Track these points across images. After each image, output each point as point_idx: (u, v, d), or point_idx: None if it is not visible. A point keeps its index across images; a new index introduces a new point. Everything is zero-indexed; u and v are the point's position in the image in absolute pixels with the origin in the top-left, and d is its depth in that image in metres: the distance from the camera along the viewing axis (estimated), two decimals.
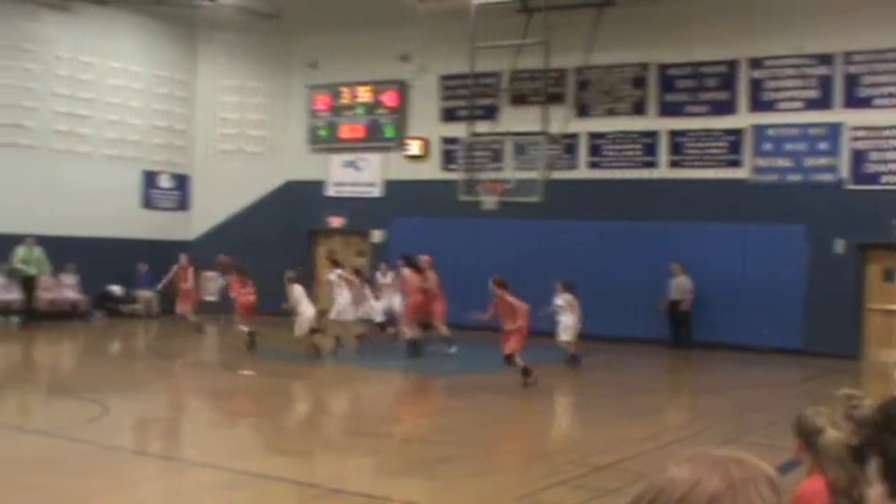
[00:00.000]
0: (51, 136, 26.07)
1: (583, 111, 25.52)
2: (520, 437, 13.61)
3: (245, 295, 20.32)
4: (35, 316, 23.41)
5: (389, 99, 28.35)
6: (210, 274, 27.08)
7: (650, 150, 24.83)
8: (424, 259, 20.35)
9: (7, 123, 25.13)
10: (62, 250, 24.37)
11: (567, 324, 18.76)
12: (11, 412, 13.89)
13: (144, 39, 28.37)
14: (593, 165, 25.50)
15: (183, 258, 24.02)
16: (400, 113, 28.17)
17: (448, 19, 25.16)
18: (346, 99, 29.02)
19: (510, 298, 16.54)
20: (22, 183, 25.05)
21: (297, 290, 19.84)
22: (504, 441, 12.92)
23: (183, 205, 29.57)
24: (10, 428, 12.47)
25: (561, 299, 18.96)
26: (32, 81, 25.74)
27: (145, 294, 26.61)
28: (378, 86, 28.41)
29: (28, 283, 23.52)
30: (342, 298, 20.62)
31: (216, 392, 16.48)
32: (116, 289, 26.85)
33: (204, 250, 28.10)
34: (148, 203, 28.67)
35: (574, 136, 25.30)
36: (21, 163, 25.27)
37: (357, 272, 21.73)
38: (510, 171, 25.18)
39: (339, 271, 20.89)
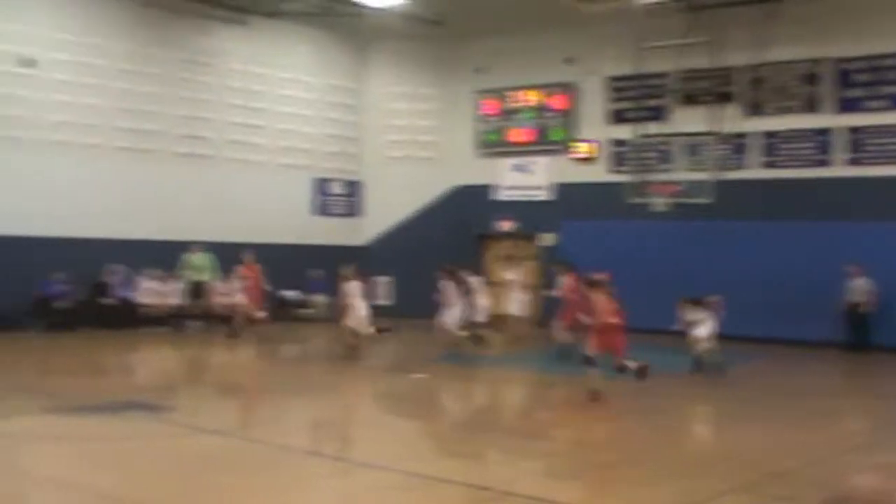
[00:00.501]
0: (226, 146, 26.96)
1: (753, 110, 24.95)
2: (688, 441, 13.40)
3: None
4: (208, 320, 24.17)
5: (557, 102, 28.29)
6: (382, 279, 27.56)
7: (824, 147, 24.10)
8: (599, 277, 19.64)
9: (185, 134, 26.10)
10: (238, 257, 25.12)
11: (701, 335, 17.93)
12: (191, 413, 14.36)
13: (315, 50, 29.07)
14: (765, 165, 24.90)
15: (248, 257, 23.98)
16: (568, 116, 28.08)
17: (614, 21, 24.96)
18: (513, 103, 29.08)
19: (600, 297, 15.28)
20: (199, 191, 26.02)
21: (352, 288, 19.89)
22: (672, 446, 12.73)
23: (354, 211, 30.15)
24: (191, 428, 12.91)
25: (690, 316, 18.18)
26: (208, 93, 26.65)
27: (319, 299, 27.16)
28: (545, 89, 28.38)
29: (198, 289, 24.30)
30: (482, 301, 21.03)
31: (388, 395, 16.72)
32: (291, 294, 27.54)
33: (375, 255, 28.62)
34: (320, 210, 29.34)
35: (744, 135, 24.79)
36: (198, 172, 26.23)
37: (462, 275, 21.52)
38: (680, 172, 24.85)
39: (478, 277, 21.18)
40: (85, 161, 24.16)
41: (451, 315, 20.08)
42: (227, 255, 24.50)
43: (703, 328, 17.91)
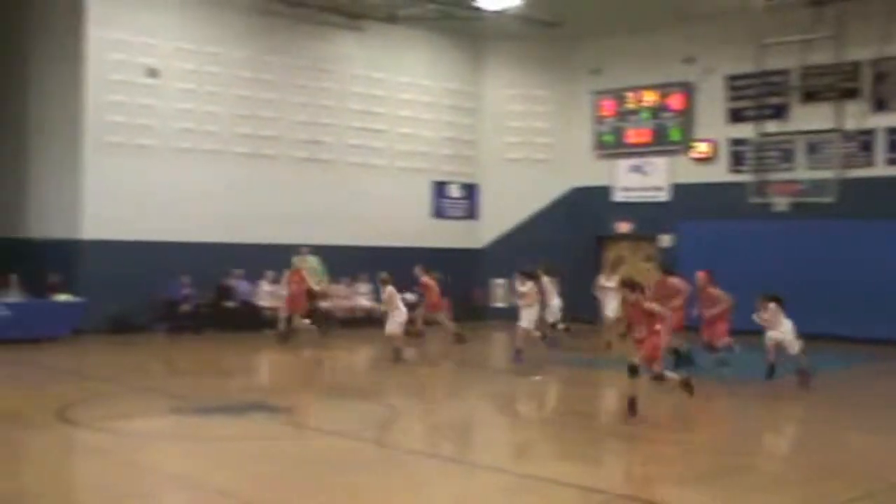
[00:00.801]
0: (345, 151, 27.29)
1: (879, 105, 24.30)
2: (808, 447, 13.08)
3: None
4: (319, 322, 24.28)
5: (675, 102, 27.97)
6: (499, 281, 27.58)
7: None
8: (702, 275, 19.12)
9: (305, 140, 26.51)
10: (357, 259, 25.42)
11: (778, 338, 17.18)
12: (309, 414, 14.56)
13: (432, 54, 29.24)
14: (892, 162, 24.24)
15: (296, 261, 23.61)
16: (686, 115, 27.74)
17: (733, 18, 24.59)
18: (631, 103, 28.85)
19: (646, 304, 13.93)
20: (319, 196, 26.39)
21: (389, 291, 20.09)
22: (792, 451, 12.48)
23: (472, 213, 30.23)
24: (310, 429, 13.10)
25: (766, 313, 16.97)
26: (328, 99, 27.01)
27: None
28: (663, 89, 28.09)
29: (308, 292, 24.33)
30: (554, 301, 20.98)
31: (504, 396, 16.72)
32: (409, 296, 27.66)
33: (493, 258, 28.65)
34: (438, 212, 29.49)
35: (870, 131, 24.18)
36: (318, 177, 26.61)
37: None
38: (802, 171, 24.37)
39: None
40: (207, 167, 24.72)
41: (528, 316, 20.00)
42: (348, 258, 24.76)
43: (776, 332, 16.82)
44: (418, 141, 28.84)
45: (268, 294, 24.69)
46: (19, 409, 13.99)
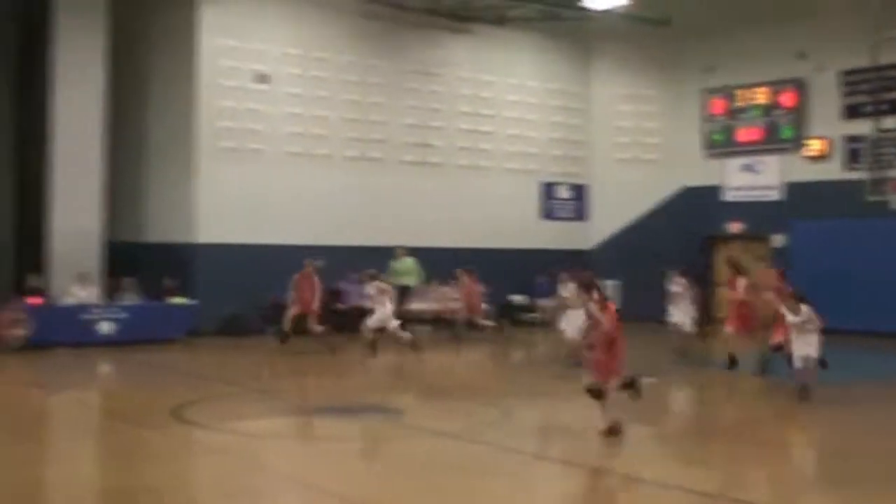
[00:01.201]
0: (454, 153, 27.39)
1: None
2: None
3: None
4: (420, 324, 24.30)
5: (787, 99, 27.43)
6: (609, 282, 27.35)
7: None
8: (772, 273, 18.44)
9: (415, 143, 26.68)
10: (467, 261, 25.42)
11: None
12: (421, 415, 14.62)
13: (539, 55, 29.18)
14: None
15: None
16: (798, 112, 27.19)
17: (847, 12, 24.07)
18: (741, 101, 28.38)
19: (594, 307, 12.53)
20: (427, 199, 26.54)
21: (372, 288, 20.49)
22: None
23: (581, 214, 30.08)
24: (421, 430, 13.16)
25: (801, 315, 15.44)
26: (438, 102, 27.16)
27: (545, 303, 27.17)
28: (774, 86, 27.58)
29: (403, 294, 24.38)
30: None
31: (615, 399, 16.59)
32: (518, 298, 27.71)
33: (602, 259, 28.45)
34: (547, 214, 29.41)
35: None
36: (426, 180, 26.74)
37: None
38: None
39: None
40: (317, 171, 25.03)
41: (379, 314, 20.28)
42: (457, 261, 24.84)
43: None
44: (526, 142, 28.80)
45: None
46: (138, 409, 14.34)
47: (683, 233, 28.38)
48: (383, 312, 20.46)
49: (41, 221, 22.95)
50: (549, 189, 29.46)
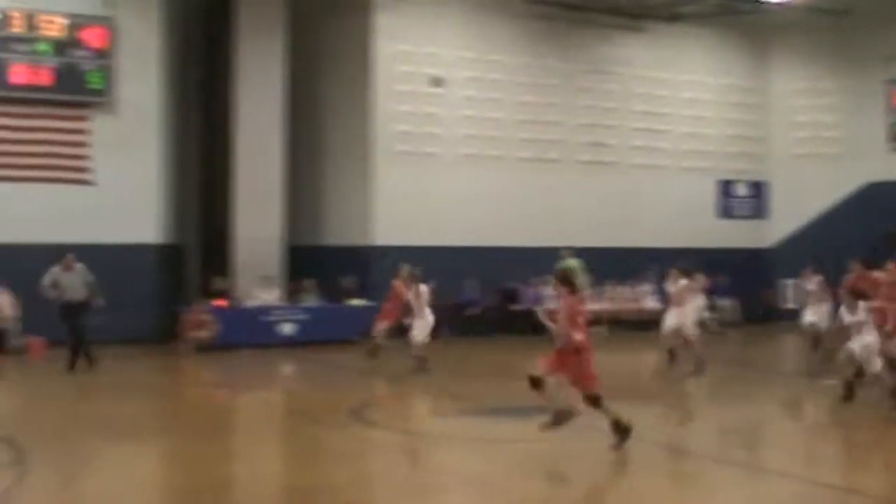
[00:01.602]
0: (629, 153, 27.14)
1: None
2: None
3: None
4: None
5: None
6: (790, 281, 26.64)
7: None
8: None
9: (589, 142, 26.56)
10: (641, 261, 25.19)
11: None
12: (597, 416, 14.53)
13: (714, 50, 28.66)
14: None
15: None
16: None
17: None
18: None
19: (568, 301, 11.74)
20: (602, 198, 26.37)
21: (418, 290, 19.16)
22: None
23: (759, 212, 29.41)
24: (598, 432, 13.10)
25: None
26: (610, 101, 26.97)
27: (725, 303, 26.67)
28: None
29: None
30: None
31: (794, 401, 16.22)
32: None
33: (782, 257, 27.76)
34: (724, 212, 28.87)
35: None
36: (601, 179, 26.58)
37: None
38: None
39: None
40: (491, 172, 25.16)
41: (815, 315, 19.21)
42: (632, 260, 24.63)
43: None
44: (702, 140, 28.32)
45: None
46: (318, 409, 14.69)
47: (868, 230, 27.41)
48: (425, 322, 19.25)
49: (225, 226, 23.73)
50: (726, 187, 28.91)
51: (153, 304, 22.04)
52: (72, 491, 9.93)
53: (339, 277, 23.43)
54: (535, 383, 11.47)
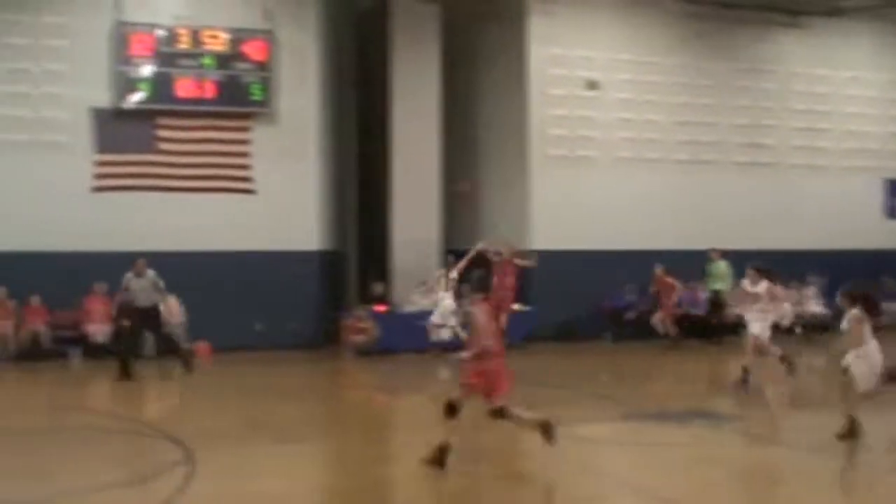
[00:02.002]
0: (788, 152, 26.55)
1: None
2: None
3: None
4: (717, 332, 23.56)
5: None
6: None
7: None
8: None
9: (747, 143, 26.09)
10: (802, 263, 24.57)
11: None
12: (753, 423, 14.28)
13: (877, 45, 27.78)
14: None
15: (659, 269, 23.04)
16: None
17: None
18: None
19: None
20: (763, 199, 25.86)
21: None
22: None
23: None
24: (753, 438, 12.88)
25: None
26: (769, 100, 26.44)
27: (894, 307, 25.73)
28: None
29: (716, 298, 23.64)
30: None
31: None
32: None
33: None
34: (892, 212, 27.95)
35: None
36: (762, 180, 26.07)
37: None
38: None
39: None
40: (647, 175, 24.95)
41: None
42: (792, 262, 24.07)
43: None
44: (865, 138, 27.47)
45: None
46: (475, 412, 14.78)
47: None
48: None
49: (384, 232, 24.10)
50: (893, 186, 27.97)
51: (314, 309, 22.54)
52: (237, 490, 10.24)
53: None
54: (449, 409, 10.87)
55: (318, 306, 22.87)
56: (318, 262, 23.13)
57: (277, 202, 22.64)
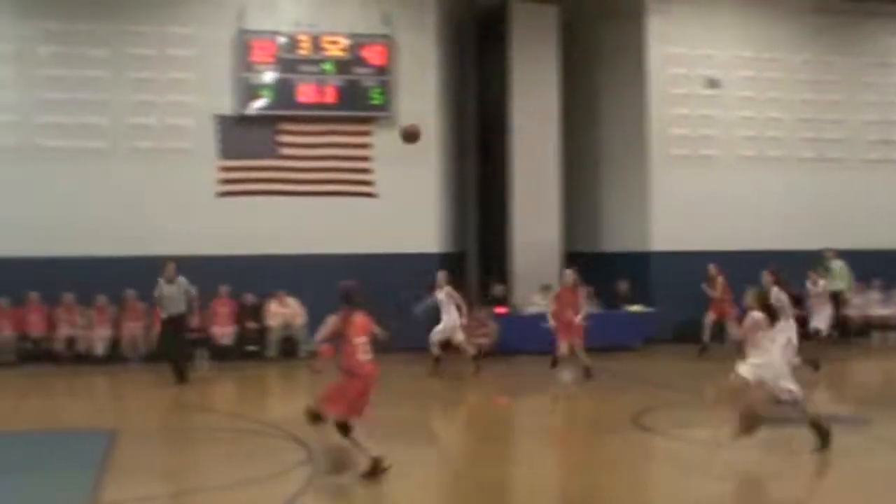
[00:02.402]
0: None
1: None
2: None
3: None
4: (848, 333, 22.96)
5: None
6: None
7: None
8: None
9: (876, 140, 25.44)
10: (869, 264, 23.69)
11: None
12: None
13: None
14: None
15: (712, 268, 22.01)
16: None
17: None
18: None
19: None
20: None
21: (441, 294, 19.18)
22: None
23: None
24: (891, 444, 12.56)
25: None
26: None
27: None
28: None
29: (835, 299, 22.93)
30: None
31: None
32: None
33: None
34: None
35: None
36: (893, 178, 25.32)
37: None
38: None
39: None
40: (770, 174, 24.50)
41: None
42: (867, 262, 23.35)
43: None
44: None
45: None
46: (598, 415, 14.73)
47: None
48: (449, 322, 19.41)
49: (504, 234, 24.10)
50: None
51: (435, 311, 22.57)
52: (359, 491, 10.34)
53: (616, 283, 23.36)
54: (342, 429, 10.49)
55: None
56: (439, 263, 23.20)
57: (398, 205, 22.82)
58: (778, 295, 15.78)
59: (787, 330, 15.26)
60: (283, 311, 21.76)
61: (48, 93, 21.59)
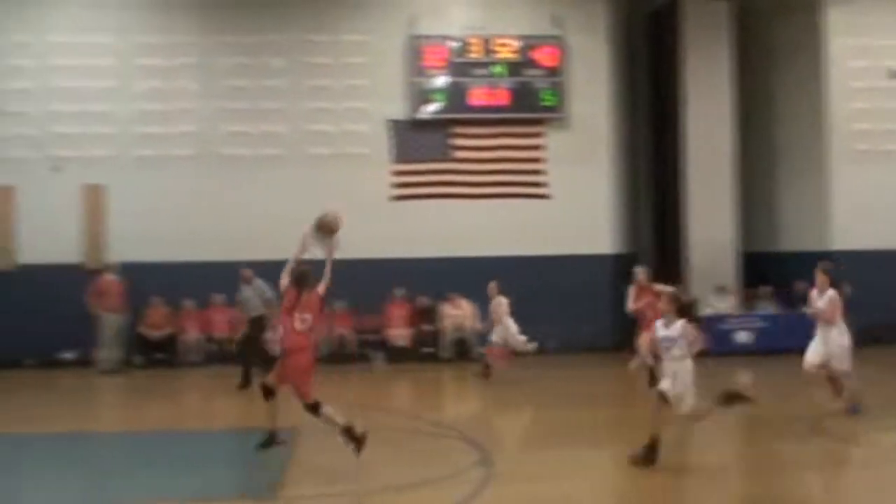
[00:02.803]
0: None
1: None
2: None
3: None
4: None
5: None
6: None
7: None
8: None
9: None
10: None
11: None
12: None
13: None
14: None
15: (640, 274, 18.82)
16: None
17: None
18: None
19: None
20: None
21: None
22: None
23: None
24: None
25: None
26: None
27: None
28: None
29: None
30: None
31: None
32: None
33: None
34: None
35: None
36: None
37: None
38: None
39: None
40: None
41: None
42: None
43: None
44: None
45: None
46: (776, 419, 14.40)
47: None
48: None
49: (678, 234, 23.79)
50: None
51: (609, 313, 22.41)
52: (531, 492, 10.39)
53: (794, 283, 22.73)
54: (266, 392, 11.50)
55: (614, 310, 22.74)
56: (613, 265, 23.08)
57: (571, 206, 22.81)
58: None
59: None
60: (457, 314, 21.97)
61: (229, 103, 22.38)
